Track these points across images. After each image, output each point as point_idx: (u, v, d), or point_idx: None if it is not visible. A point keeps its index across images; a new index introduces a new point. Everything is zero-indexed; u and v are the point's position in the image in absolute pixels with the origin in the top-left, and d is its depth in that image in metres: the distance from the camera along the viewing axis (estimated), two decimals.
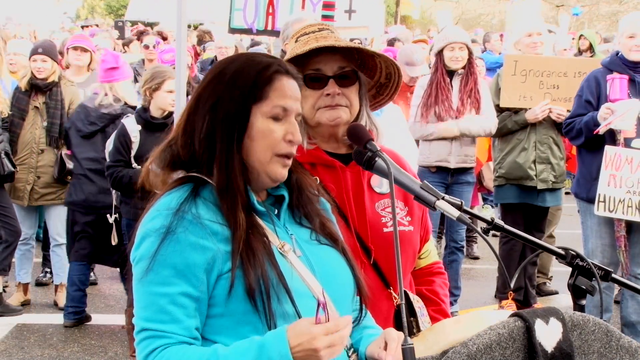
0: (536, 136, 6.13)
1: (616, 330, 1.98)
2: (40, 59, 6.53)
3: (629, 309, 5.42)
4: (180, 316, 1.79)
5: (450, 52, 6.12)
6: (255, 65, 1.92)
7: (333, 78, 2.36)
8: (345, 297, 1.98)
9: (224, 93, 1.90)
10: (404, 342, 1.74)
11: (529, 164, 6.12)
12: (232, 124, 1.88)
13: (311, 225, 2.01)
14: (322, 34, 2.42)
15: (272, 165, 1.90)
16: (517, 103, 6.13)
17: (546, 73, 6.09)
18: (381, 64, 2.49)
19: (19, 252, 6.60)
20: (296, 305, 1.82)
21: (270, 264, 1.82)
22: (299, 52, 2.34)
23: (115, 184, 5.45)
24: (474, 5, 36.33)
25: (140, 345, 1.81)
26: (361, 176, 2.44)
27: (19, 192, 6.51)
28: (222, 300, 1.81)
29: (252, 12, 5.47)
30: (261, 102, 1.90)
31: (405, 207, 2.51)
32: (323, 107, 2.37)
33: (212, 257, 1.80)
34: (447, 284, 2.72)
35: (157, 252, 1.79)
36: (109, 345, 5.84)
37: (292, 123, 1.92)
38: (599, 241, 5.41)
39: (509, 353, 1.84)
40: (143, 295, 1.81)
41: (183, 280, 1.79)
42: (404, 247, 2.46)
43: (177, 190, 1.89)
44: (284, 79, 1.93)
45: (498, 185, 6.36)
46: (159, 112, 5.44)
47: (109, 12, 34.98)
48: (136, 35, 12.79)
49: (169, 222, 1.81)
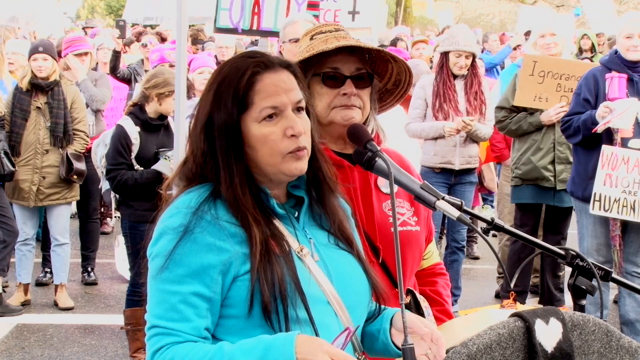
0: (554, 136, 6.10)
1: (616, 331, 1.98)
2: (41, 58, 6.52)
3: (627, 307, 5.42)
4: (190, 315, 1.79)
5: (456, 57, 6.14)
6: (234, 74, 1.90)
7: (350, 78, 2.37)
8: (360, 304, 1.97)
9: (212, 109, 1.90)
10: (404, 342, 1.74)
11: (546, 164, 6.10)
12: (227, 138, 1.87)
13: (330, 228, 1.99)
14: (341, 34, 2.44)
15: (285, 165, 1.88)
16: (531, 103, 6.10)
17: (565, 76, 6.05)
18: (393, 69, 2.51)
19: (19, 252, 6.61)
20: (310, 312, 1.82)
21: (288, 270, 1.82)
22: (324, 49, 2.34)
23: (118, 188, 5.37)
24: (474, 5, 36.30)
25: (150, 342, 1.81)
26: (369, 176, 2.45)
27: (24, 193, 6.51)
28: (236, 302, 1.81)
29: (237, 11, 5.46)
30: (249, 110, 1.87)
31: (412, 208, 2.52)
32: (338, 107, 2.38)
33: (229, 258, 1.80)
34: (449, 285, 2.74)
35: (173, 250, 1.80)
36: (109, 345, 5.84)
37: (289, 117, 1.88)
38: (594, 240, 5.42)
39: (509, 353, 1.84)
40: (156, 292, 1.82)
41: (196, 280, 1.79)
42: (410, 247, 2.48)
43: (198, 189, 1.89)
44: (265, 76, 1.89)
45: (514, 185, 6.35)
46: (156, 113, 5.44)
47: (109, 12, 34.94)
48: (135, 35, 12.79)
49: (188, 221, 1.81)
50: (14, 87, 6.69)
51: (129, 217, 5.40)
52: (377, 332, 2.01)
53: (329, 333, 1.80)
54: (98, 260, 7.56)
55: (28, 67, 6.61)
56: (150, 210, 1.99)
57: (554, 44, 6.27)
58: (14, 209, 6.57)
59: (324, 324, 1.84)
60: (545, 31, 6.32)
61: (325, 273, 1.91)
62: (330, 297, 1.88)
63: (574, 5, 30.04)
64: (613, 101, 5.15)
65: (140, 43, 10.29)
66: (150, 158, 5.33)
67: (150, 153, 5.35)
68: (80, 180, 6.66)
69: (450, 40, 6.22)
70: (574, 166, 5.62)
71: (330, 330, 1.81)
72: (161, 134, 5.46)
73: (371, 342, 2.03)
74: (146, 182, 5.22)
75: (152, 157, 5.33)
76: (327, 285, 1.89)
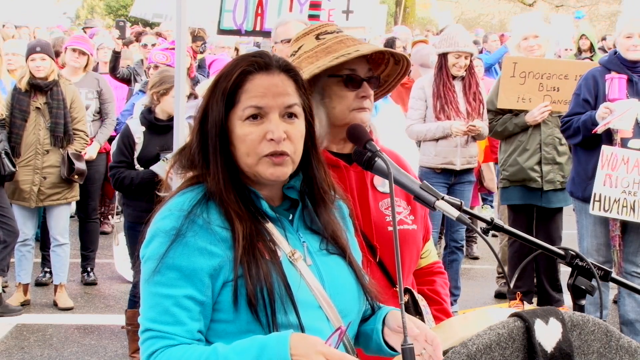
0: (540, 137, 6.11)
1: (616, 330, 1.98)
2: (39, 58, 6.52)
3: (626, 307, 5.42)
4: (183, 318, 1.79)
5: (455, 59, 6.14)
6: (229, 71, 1.91)
7: (366, 81, 2.40)
8: (352, 309, 1.97)
9: (208, 105, 1.92)
10: (404, 342, 1.74)
11: (532, 165, 6.10)
12: (215, 134, 1.89)
13: (323, 232, 1.99)
14: (346, 36, 2.47)
15: (260, 167, 1.87)
16: (515, 104, 6.13)
17: (546, 75, 6.08)
18: (384, 71, 2.54)
19: (18, 253, 6.60)
20: (300, 317, 1.82)
21: (276, 273, 1.82)
22: (365, 52, 2.36)
23: (117, 186, 5.46)
24: (474, 5, 36.31)
25: (144, 345, 1.82)
26: (365, 175, 2.47)
27: (25, 194, 6.51)
28: (226, 307, 1.81)
29: (241, 13, 5.47)
30: (234, 108, 1.88)
31: (409, 206, 2.54)
32: (356, 109, 2.40)
33: (220, 263, 1.81)
34: (447, 284, 2.74)
35: (165, 254, 1.80)
36: (109, 345, 5.84)
37: (272, 120, 1.86)
38: (594, 240, 5.42)
39: (508, 353, 1.84)
40: (149, 296, 1.83)
41: (189, 284, 1.79)
42: (408, 245, 2.49)
43: (191, 191, 1.89)
44: (256, 77, 1.89)
45: (503, 187, 6.35)
46: (164, 114, 5.46)
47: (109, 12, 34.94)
48: (135, 35, 12.78)
49: (180, 224, 1.81)
50: (13, 88, 6.68)
51: (128, 217, 5.46)
52: (371, 331, 2.02)
53: (320, 337, 1.79)
54: (98, 260, 7.56)
55: (26, 67, 6.61)
56: (147, 211, 1.99)
57: (538, 46, 6.27)
58: (14, 209, 6.56)
59: (315, 328, 1.83)
60: (528, 33, 6.32)
61: (318, 278, 1.91)
62: (322, 302, 1.88)
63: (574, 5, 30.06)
64: (613, 102, 5.15)
65: (141, 43, 10.27)
66: (151, 158, 5.34)
67: (151, 154, 5.37)
68: (81, 180, 6.67)
69: (448, 42, 6.21)
70: (574, 166, 5.62)
71: (322, 335, 1.80)
72: (169, 135, 5.44)
73: (366, 341, 2.04)
74: (142, 182, 5.25)
75: (154, 157, 5.34)
76: (319, 289, 1.89)
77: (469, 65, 6.21)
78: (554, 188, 6.11)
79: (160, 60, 6.95)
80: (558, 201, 6.18)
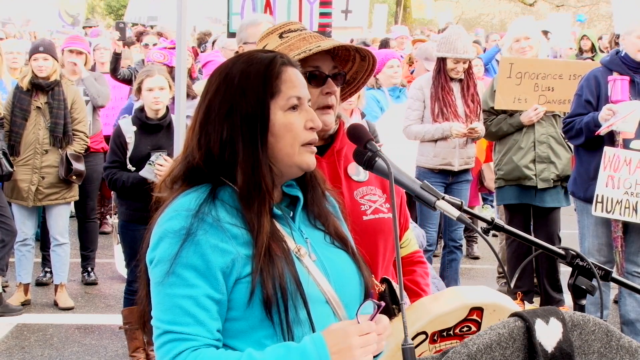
0: (535, 135, 6.11)
1: (616, 330, 1.98)
2: (41, 58, 6.52)
3: (627, 307, 5.42)
4: (204, 318, 1.78)
5: (454, 64, 6.16)
6: (261, 62, 1.92)
7: (330, 77, 2.40)
8: (355, 302, 1.97)
9: (236, 97, 1.89)
10: (404, 342, 1.74)
11: (527, 163, 6.10)
12: (253, 125, 1.87)
13: (324, 227, 2.00)
14: (310, 33, 2.48)
15: (301, 156, 1.91)
16: (511, 105, 6.13)
17: (541, 75, 6.08)
18: (352, 68, 2.54)
19: (18, 253, 6.61)
20: (310, 312, 1.82)
21: (288, 271, 1.82)
22: (326, 47, 2.36)
23: (111, 186, 5.48)
24: (474, 5, 36.30)
25: (163, 349, 1.78)
26: (337, 166, 2.48)
27: (23, 193, 6.51)
28: (239, 305, 1.81)
29: (249, 15, 5.46)
30: (276, 98, 1.90)
31: (384, 195, 2.52)
32: (320, 108, 2.39)
33: (232, 260, 1.80)
34: (428, 274, 2.72)
35: (178, 254, 1.78)
36: (109, 345, 5.84)
37: (308, 110, 1.94)
38: (596, 240, 5.42)
39: (509, 353, 1.84)
40: (165, 298, 1.79)
41: (205, 282, 1.78)
42: (384, 234, 2.48)
43: (195, 191, 1.87)
44: (289, 69, 1.94)
45: (498, 186, 6.36)
46: (152, 112, 5.41)
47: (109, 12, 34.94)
48: (136, 35, 12.78)
49: (189, 223, 1.80)
50: (14, 87, 6.68)
51: (121, 215, 5.45)
52: None
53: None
54: (98, 260, 7.57)
55: (29, 67, 6.61)
56: (140, 211, 1.98)
57: (529, 47, 6.26)
58: (13, 208, 6.57)
59: (323, 324, 1.83)
60: (520, 35, 6.32)
61: (323, 273, 1.91)
62: (328, 297, 1.89)
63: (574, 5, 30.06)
64: (616, 103, 5.13)
65: (142, 43, 10.28)
66: (143, 158, 5.29)
67: (142, 153, 5.32)
68: (79, 181, 6.66)
69: (447, 47, 6.20)
70: (576, 167, 5.62)
71: None
72: (160, 135, 5.42)
73: None
74: (134, 185, 5.24)
75: (145, 157, 5.28)
76: (326, 285, 1.89)
77: (467, 68, 6.23)
78: (548, 186, 6.10)
79: (157, 59, 6.95)
80: (552, 201, 6.16)
